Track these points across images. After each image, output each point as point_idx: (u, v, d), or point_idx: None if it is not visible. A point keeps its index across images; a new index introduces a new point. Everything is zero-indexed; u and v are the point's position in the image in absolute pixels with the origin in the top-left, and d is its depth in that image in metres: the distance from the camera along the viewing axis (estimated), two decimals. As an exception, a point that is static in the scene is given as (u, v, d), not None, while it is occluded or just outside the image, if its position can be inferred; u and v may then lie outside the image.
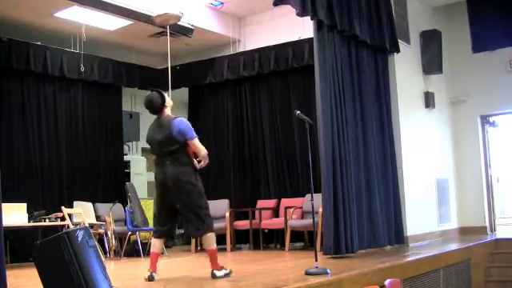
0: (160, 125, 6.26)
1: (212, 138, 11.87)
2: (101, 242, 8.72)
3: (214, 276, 6.03)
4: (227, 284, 5.84)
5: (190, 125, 6.25)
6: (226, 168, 11.61)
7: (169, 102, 6.34)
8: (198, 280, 5.96)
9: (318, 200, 7.37)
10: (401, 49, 9.77)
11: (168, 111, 6.32)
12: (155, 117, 6.35)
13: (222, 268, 6.12)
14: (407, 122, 9.91)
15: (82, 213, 9.34)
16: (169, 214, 6.26)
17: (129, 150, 13.35)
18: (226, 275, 6.10)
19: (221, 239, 10.42)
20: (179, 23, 10.43)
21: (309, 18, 8.03)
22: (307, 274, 5.96)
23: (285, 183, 10.96)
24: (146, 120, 12.99)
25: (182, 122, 6.22)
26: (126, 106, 12.58)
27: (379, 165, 9.05)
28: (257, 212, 10.47)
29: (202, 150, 6.19)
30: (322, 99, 7.99)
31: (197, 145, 6.17)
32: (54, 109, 10.83)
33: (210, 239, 6.12)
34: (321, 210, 8.26)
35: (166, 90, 12.41)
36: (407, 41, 10.34)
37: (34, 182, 10.26)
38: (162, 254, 8.45)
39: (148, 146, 6.53)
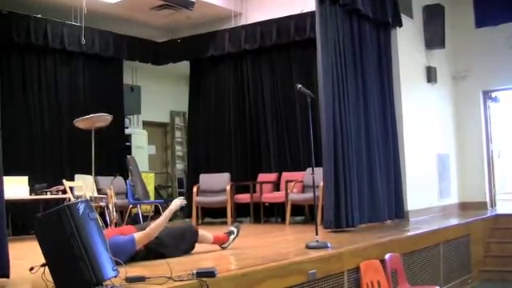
0: None
1: (213, 111, 11.90)
2: (102, 214, 8.72)
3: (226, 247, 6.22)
4: (229, 256, 5.87)
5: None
6: (227, 141, 11.60)
7: None
8: (197, 254, 5.97)
9: (318, 174, 7.38)
10: (403, 23, 9.70)
11: None
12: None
13: (228, 236, 6.27)
14: (409, 96, 9.88)
15: (84, 186, 9.36)
16: None
17: (130, 124, 13.33)
18: (235, 234, 6.28)
19: (221, 212, 10.47)
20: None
21: (311, -9, 7.99)
22: (308, 247, 5.99)
23: (286, 157, 10.95)
24: (147, 93, 13.08)
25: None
26: (127, 79, 12.52)
27: (380, 139, 9.04)
28: (257, 185, 10.50)
29: (148, 236, 5.31)
30: (323, 73, 7.97)
31: (143, 237, 5.27)
32: (55, 82, 10.78)
33: (203, 239, 6.07)
34: (321, 183, 8.28)
35: (166, 62, 12.40)
36: (410, 15, 10.27)
37: (35, 156, 10.26)
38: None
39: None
